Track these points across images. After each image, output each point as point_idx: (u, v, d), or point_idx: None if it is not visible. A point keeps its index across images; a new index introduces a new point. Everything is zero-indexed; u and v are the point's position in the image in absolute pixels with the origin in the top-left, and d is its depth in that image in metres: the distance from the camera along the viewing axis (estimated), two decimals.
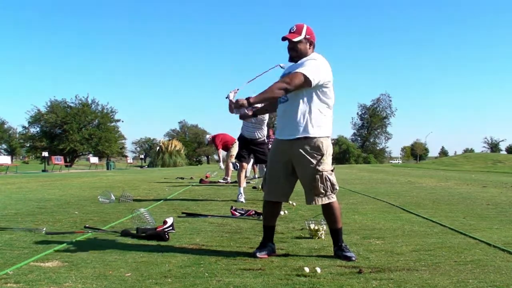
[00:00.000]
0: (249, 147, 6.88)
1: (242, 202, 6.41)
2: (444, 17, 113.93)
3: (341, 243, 3.05)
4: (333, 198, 3.01)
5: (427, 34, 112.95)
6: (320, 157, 2.97)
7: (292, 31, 3.06)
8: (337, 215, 3.06)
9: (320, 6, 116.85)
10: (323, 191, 2.96)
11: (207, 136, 12.76)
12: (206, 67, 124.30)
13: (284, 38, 3.05)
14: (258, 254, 2.99)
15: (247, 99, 2.91)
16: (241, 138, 7.01)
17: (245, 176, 7.35)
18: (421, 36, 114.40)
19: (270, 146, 7.17)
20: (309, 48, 3.08)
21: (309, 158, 2.96)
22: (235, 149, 12.06)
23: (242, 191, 6.67)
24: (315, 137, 2.97)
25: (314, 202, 2.99)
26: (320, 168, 2.96)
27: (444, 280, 2.47)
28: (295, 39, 3.03)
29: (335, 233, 3.08)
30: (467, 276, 2.54)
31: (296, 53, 3.06)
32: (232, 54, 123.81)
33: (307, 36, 3.05)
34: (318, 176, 2.95)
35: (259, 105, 3.33)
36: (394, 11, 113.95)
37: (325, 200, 2.99)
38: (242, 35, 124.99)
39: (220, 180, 11.48)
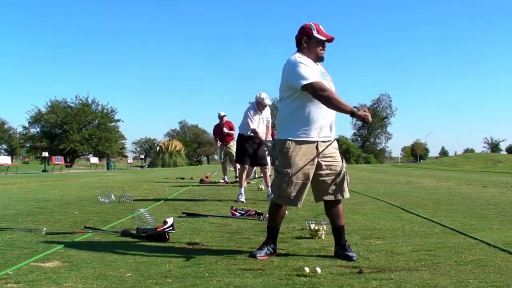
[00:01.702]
0: (251, 147, 6.81)
1: (242, 202, 6.41)
2: (444, 17, 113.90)
3: (344, 242, 3.06)
4: None
5: (427, 34, 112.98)
6: (341, 154, 3.15)
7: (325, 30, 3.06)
8: (343, 212, 3.14)
9: (320, 6, 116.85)
10: (347, 186, 3.11)
11: (222, 112, 11.71)
12: (206, 67, 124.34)
13: (332, 39, 3.04)
14: (258, 256, 2.98)
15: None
16: (241, 139, 6.92)
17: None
18: (421, 36, 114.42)
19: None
20: None
21: (340, 155, 3.12)
22: (233, 147, 11.87)
23: (243, 191, 6.66)
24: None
25: (343, 195, 3.07)
26: (344, 163, 3.13)
27: (444, 280, 2.47)
28: None
29: (339, 231, 3.09)
30: (467, 276, 2.54)
31: None
32: (232, 53, 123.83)
33: None
34: (346, 171, 3.10)
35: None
36: (394, 10, 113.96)
37: (348, 193, 3.12)
38: (242, 35, 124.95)
39: (219, 181, 11.48)
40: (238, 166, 11.49)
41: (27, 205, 6.02)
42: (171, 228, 3.86)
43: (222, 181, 11.26)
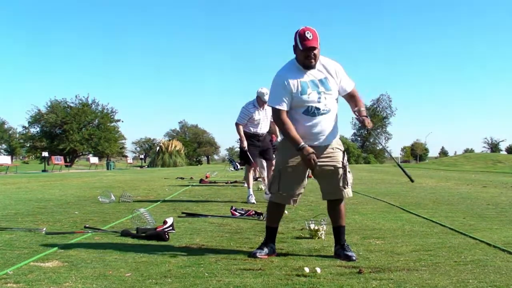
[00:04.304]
0: (256, 146, 6.51)
1: (253, 203, 6.25)
2: (444, 17, 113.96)
3: (343, 242, 3.06)
4: None
5: (427, 34, 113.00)
6: (343, 151, 3.12)
7: (310, 37, 2.88)
8: (344, 212, 3.15)
9: (320, 5, 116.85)
10: (349, 184, 3.09)
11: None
12: (206, 67, 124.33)
13: (311, 48, 2.88)
14: (258, 254, 2.99)
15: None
16: (247, 137, 6.50)
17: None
18: (421, 36, 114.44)
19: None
20: None
21: (341, 152, 3.08)
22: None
23: (251, 192, 6.49)
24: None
25: (345, 194, 3.07)
26: (345, 162, 3.09)
27: (444, 280, 2.47)
28: (318, 47, 2.92)
29: (339, 231, 3.10)
30: (467, 276, 2.54)
31: (315, 61, 2.97)
32: (232, 53, 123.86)
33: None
34: (347, 169, 3.08)
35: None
36: (394, 10, 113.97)
37: (350, 192, 3.10)
38: (242, 35, 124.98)
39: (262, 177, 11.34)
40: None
41: (27, 205, 6.02)
42: (170, 228, 3.86)
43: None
